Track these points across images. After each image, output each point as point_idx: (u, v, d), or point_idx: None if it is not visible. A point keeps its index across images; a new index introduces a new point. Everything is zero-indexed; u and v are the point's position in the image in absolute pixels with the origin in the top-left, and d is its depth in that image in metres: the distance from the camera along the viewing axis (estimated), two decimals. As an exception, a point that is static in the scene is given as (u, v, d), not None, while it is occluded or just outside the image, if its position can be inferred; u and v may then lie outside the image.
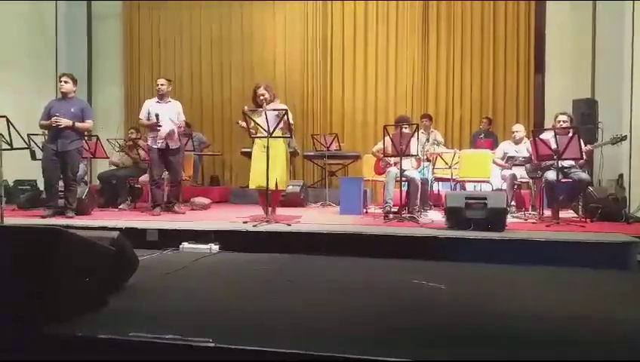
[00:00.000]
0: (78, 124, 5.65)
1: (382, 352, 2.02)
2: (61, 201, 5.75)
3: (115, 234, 3.01)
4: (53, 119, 5.52)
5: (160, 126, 5.97)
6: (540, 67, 8.90)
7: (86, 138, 6.35)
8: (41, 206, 5.93)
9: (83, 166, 6.60)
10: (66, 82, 5.69)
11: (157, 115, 5.98)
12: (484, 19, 9.13)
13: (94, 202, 6.48)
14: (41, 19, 9.11)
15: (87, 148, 6.59)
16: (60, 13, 9.38)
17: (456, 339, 2.29)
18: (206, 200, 7.13)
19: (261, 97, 5.33)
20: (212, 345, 2.06)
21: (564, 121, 5.55)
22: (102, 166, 8.30)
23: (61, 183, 5.73)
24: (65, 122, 5.55)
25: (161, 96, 6.12)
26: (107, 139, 7.34)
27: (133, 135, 7.33)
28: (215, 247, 4.50)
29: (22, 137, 5.13)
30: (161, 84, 6.13)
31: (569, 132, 5.38)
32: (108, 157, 7.27)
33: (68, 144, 5.62)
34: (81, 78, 6.39)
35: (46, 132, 5.95)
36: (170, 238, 4.62)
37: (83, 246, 2.54)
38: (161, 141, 6.04)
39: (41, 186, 7.59)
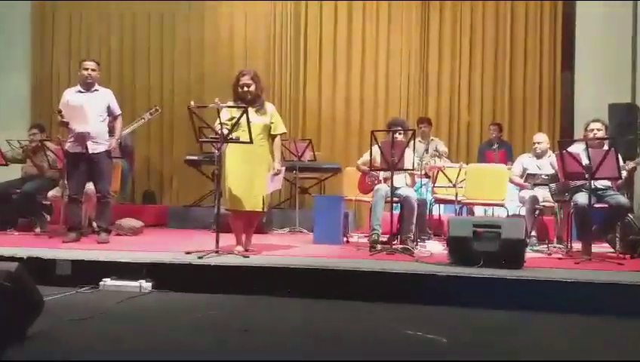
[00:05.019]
0: None
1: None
2: None
3: (13, 266, 2.96)
4: None
5: (67, 122, 5.82)
6: (568, 62, 9.09)
7: None
8: None
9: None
10: None
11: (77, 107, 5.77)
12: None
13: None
14: None
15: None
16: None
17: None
18: (137, 223, 7.05)
19: (245, 88, 5.18)
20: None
21: (597, 130, 5.68)
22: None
23: None
24: None
25: (88, 85, 5.97)
26: (6, 140, 7.17)
27: (37, 136, 7.15)
28: (147, 285, 4.48)
29: None
30: (91, 69, 5.93)
31: (604, 144, 5.51)
32: (6, 165, 7.08)
33: None
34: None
35: None
36: (88, 273, 4.58)
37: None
38: (72, 142, 5.88)
39: None
